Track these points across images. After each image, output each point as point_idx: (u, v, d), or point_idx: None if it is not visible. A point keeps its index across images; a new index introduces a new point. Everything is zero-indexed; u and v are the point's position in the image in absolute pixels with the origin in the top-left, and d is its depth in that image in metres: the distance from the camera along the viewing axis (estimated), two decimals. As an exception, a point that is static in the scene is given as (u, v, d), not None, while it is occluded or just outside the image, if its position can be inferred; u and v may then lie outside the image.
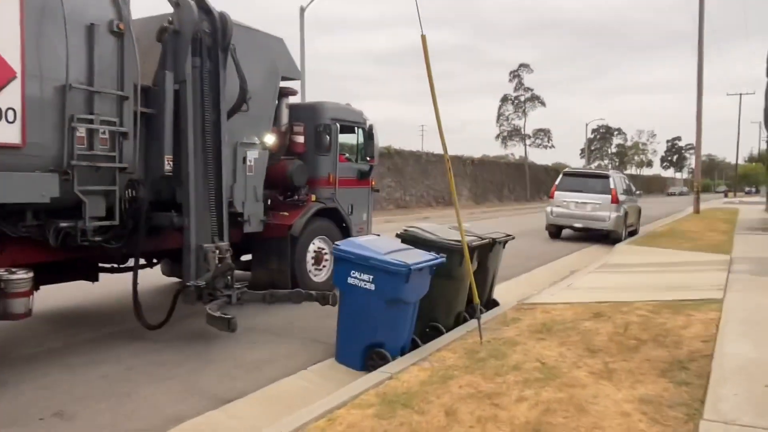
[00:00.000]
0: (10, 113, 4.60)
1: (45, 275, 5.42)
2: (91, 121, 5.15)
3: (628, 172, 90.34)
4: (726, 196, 68.02)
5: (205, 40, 6.02)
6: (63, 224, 5.10)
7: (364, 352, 5.11)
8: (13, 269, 4.77)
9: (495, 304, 7.10)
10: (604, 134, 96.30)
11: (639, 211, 19.31)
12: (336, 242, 5.41)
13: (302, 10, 24.23)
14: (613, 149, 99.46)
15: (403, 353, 5.22)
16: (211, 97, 6.11)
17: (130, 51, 5.50)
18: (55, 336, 5.93)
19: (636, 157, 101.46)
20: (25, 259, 5.12)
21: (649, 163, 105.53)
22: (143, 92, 5.72)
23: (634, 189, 18.66)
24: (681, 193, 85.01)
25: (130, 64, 5.50)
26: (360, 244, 5.29)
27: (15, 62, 4.64)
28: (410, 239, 5.91)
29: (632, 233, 17.61)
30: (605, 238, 15.87)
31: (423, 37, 4.95)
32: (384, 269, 4.94)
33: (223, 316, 5.43)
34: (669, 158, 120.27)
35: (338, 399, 4.00)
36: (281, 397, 4.56)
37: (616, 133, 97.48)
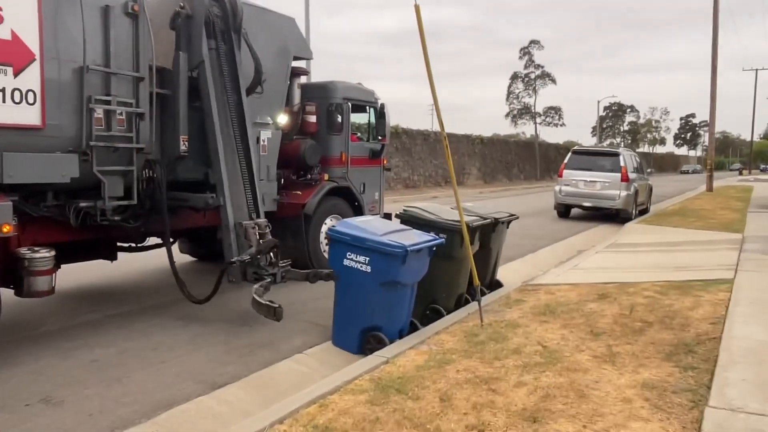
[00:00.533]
0: (30, 95, 4.70)
1: (65, 254, 5.54)
2: (108, 102, 5.25)
3: (640, 150, 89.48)
4: (740, 173, 67.27)
5: (217, 23, 6.10)
6: (83, 204, 5.24)
7: (360, 336, 5.07)
8: (36, 248, 4.92)
9: (499, 285, 7.12)
10: (616, 112, 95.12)
11: (650, 190, 19.23)
12: (331, 225, 5.38)
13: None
14: (626, 127, 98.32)
15: (401, 337, 5.19)
16: (230, 78, 6.21)
17: (145, 32, 5.57)
18: (52, 319, 5.91)
19: (649, 135, 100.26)
20: (47, 238, 5.25)
21: (662, 141, 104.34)
22: (158, 73, 5.79)
23: (645, 167, 18.55)
24: (694, 171, 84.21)
25: (145, 46, 5.58)
26: (356, 225, 5.21)
27: (34, 45, 4.73)
28: (409, 220, 5.88)
29: (643, 212, 17.56)
30: (615, 217, 15.86)
31: (417, 7, 4.89)
32: (380, 251, 4.85)
33: (270, 304, 5.33)
34: (682, 136, 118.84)
35: (331, 384, 3.93)
36: (274, 382, 4.50)
37: (628, 110, 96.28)
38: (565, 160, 17.39)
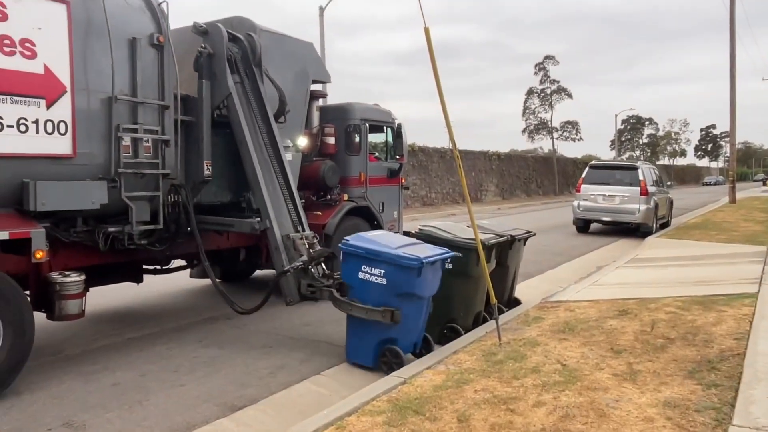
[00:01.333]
0: (62, 126, 4.91)
1: (94, 278, 5.70)
2: (135, 131, 5.44)
3: (660, 162, 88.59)
4: (764, 184, 66.04)
5: (238, 59, 6.40)
6: (111, 229, 5.41)
7: (376, 349, 5.12)
8: (66, 272, 5.08)
9: (517, 302, 7.14)
10: (634, 125, 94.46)
11: (671, 203, 19.07)
12: (345, 238, 5.41)
13: (321, 9, 24.43)
14: (645, 140, 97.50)
15: (415, 349, 5.28)
16: (258, 106, 6.46)
17: (170, 62, 5.78)
18: (74, 342, 5.99)
19: (668, 147, 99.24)
20: (76, 262, 5.43)
21: (683, 153, 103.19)
22: (182, 101, 5.99)
23: (664, 180, 18.44)
24: (716, 183, 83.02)
25: (169, 75, 5.78)
26: (370, 239, 5.30)
27: (65, 77, 4.94)
28: (425, 239, 5.96)
29: (664, 225, 17.42)
30: (635, 231, 15.75)
31: (426, 30, 5.02)
32: (396, 263, 4.94)
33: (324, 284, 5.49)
34: (703, 147, 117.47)
35: (349, 405, 3.93)
36: (292, 404, 4.52)
37: (646, 123, 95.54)
38: (583, 175, 17.36)
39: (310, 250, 5.91)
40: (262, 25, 7.02)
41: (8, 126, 4.57)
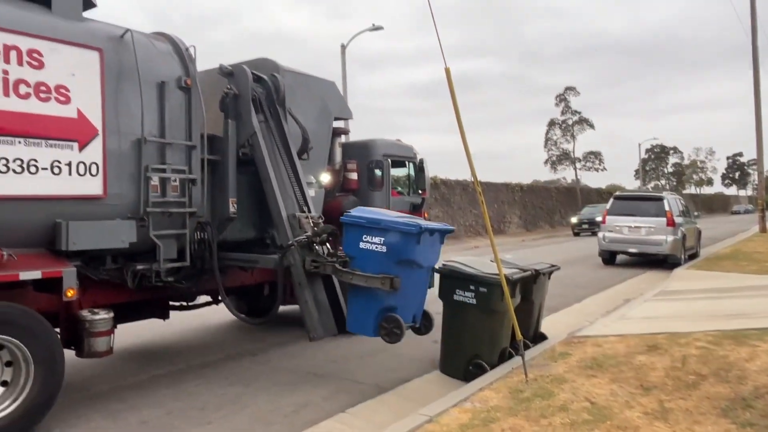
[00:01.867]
0: (94, 167, 5.07)
1: (121, 314, 5.79)
2: (163, 171, 5.59)
3: (687, 191, 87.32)
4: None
5: (263, 99, 6.57)
6: (139, 267, 5.51)
7: (376, 318, 5.27)
8: (95, 309, 5.18)
9: (543, 337, 7.05)
10: (658, 154, 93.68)
11: (699, 233, 18.75)
12: (347, 211, 5.69)
13: (343, 47, 24.99)
14: (670, 169, 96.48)
15: (415, 322, 5.50)
16: (282, 144, 6.60)
17: (197, 104, 5.95)
18: (102, 379, 6.05)
19: (695, 176, 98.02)
20: (105, 299, 5.52)
21: (710, 182, 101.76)
22: (208, 140, 6.15)
23: (691, 210, 18.19)
24: (746, 212, 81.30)
25: (196, 116, 5.95)
26: (370, 210, 5.66)
27: (97, 121, 5.12)
28: (449, 274, 6.02)
29: (692, 257, 17.12)
30: (663, 262, 15.48)
31: (447, 70, 5.13)
32: (395, 230, 5.19)
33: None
34: (730, 175, 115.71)
35: None
36: None
37: (671, 152, 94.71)
38: (607, 206, 17.21)
39: (314, 227, 6.08)
40: (285, 66, 7.22)
41: (42, 168, 4.74)
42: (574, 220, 32.47)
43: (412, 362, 6.46)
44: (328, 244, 6.05)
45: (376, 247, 5.25)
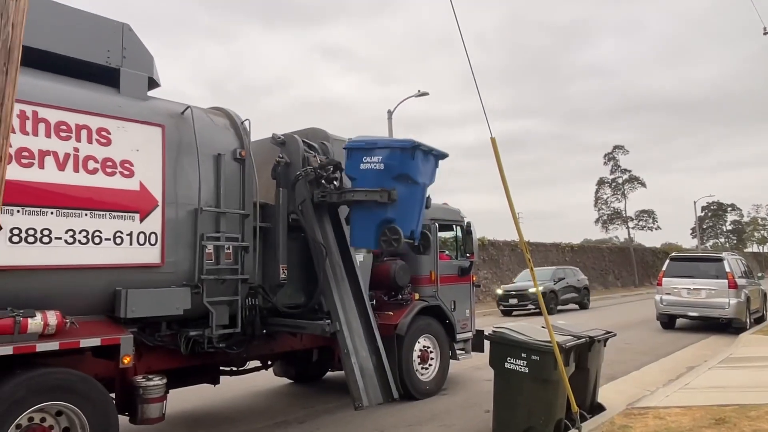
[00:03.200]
0: (153, 237, 5.31)
1: (174, 380, 5.89)
2: (218, 239, 5.79)
3: (748, 250, 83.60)
4: None
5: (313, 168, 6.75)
6: (192, 333, 5.64)
7: (376, 231, 5.95)
8: (150, 375, 5.29)
9: (600, 408, 6.70)
10: (715, 211, 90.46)
11: (764, 295, 17.80)
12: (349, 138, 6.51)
13: (390, 113, 25.63)
14: (728, 226, 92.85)
15: (413, 239, 6.26)
16: (330, 212, 6.76)
17: (250, 174, 6.21)
18: None
19: (756, 234, 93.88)
20: (159, 365, 5.65)
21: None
22: (261, 208, 6.36)
23: (755, 271, 17.34)
24: None
25: (250, 185, 6.20)
26: (369, 135, 6.39)
27: (157, 192, 5.40)
28: (499, 341, 5.88)
29: (758, 320, 16.22)
30: (726, 327, 14.69)
31: (493, 140, 5.22)
32: (391, 147, 5.91)
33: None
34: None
35: None
36: None
37: (728, 209, 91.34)
38: (664, 268, 16.60)
39: (319, 159, 6.56)
40: (334, 134, 7.47)
41: (106, 239, 5.00)
42: (499, 291, 23.16)
43: (463, 433, 6.26)
44: (335, 182, 6.60)
45: (375, 166, 5.93)
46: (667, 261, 16.83)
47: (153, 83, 5.84)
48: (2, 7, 1.87)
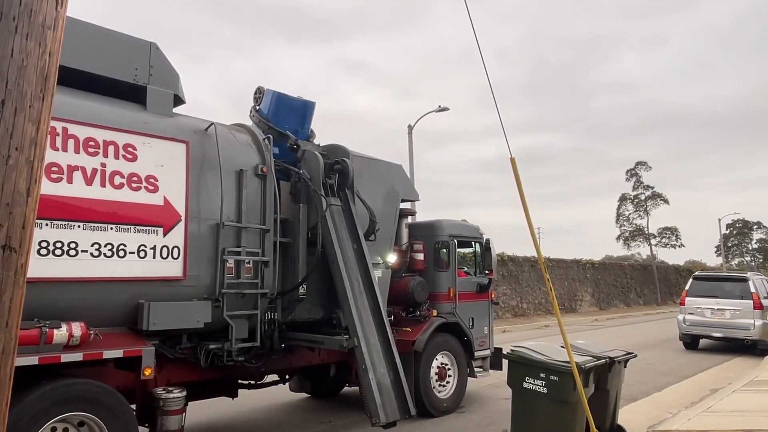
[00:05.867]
0: (176, 251, 5.40)
1: (193, 393, 5.95)
2: (239, 253, 5.87)
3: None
4: None
5: (332, 184, 6.90)
6: (212, 346, 5.70)
7: None
8: (170, 388, 5.36)
9: (620, 430, 6.55)
10: (741, 229, 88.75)
11: (790, 317, 17.39)
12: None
13: (410, 128, 25.70)
14: (754, 245, 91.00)
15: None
16: (349, 227, 6.84)
17: (271, 189, 6.30)
18: None
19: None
20: (179, 378, 5.73)
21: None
22: (281, 223, 6.44)
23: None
24: None
25: (270, 201, 6.28)
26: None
27: (180, 207, 5.51)
28: (518, 360, 5.84)
29: (785, 343, 15.81)
30: (751, 348, 14.38)
31: (512, 160, 5.23)
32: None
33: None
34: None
35: None
36: None
37: (755, 227, 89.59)
38: (686, 287, 16.35)
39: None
40: (354, 151, 7.56)
41: (130, 252, 5.10)
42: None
43: (481, 452, 6.21)
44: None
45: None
46: (690, 280, 16.57)
47: (178, 100, 5.98)
48: (40, 36, 1.96)
